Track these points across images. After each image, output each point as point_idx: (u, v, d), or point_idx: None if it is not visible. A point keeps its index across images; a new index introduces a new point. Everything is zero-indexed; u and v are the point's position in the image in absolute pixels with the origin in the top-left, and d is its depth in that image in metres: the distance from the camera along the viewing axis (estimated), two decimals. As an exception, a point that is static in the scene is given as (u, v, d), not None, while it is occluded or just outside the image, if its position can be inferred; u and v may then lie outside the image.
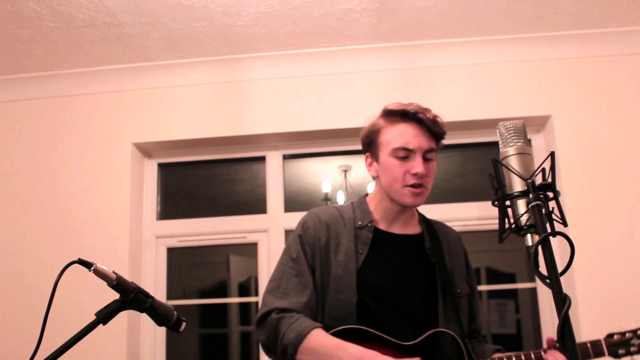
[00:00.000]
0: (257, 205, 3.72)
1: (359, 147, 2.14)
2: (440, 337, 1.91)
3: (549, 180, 1.24)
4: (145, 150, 3.69)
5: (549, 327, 3.32)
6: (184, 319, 1.44)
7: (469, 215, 3.43)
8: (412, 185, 1.96)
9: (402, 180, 1.97)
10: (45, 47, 3.33)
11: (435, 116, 2.01)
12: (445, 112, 3.39)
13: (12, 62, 3.46)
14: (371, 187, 4.83)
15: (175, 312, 1.42)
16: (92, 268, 1.31)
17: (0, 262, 3.50)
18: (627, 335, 2.00)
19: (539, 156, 3.50)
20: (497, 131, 1.37)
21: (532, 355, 1.90)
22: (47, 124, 3.62)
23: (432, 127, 1.98)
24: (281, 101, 3.54)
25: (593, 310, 3.11)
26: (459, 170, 3.96)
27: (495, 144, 1.39)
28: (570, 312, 2.42)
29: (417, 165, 1.95)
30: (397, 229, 2.08)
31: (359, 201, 2.14)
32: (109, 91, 3.60)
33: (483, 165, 3.86)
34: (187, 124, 3.57)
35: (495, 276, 4.50)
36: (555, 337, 1.80)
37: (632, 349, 1.99)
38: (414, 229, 2.12)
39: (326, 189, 4.77)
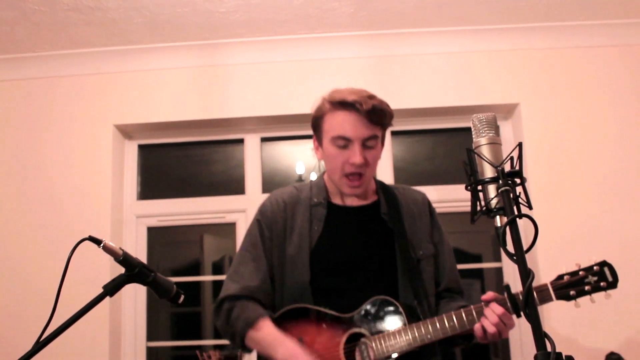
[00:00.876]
0: (235, 186, 3.81)
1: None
2: (380, 303, 1.96)
3: (517, 168, 1.38)
4: (126, 131, 3.76)
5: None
6: (182, 292, 1.55)
7: (438, 198, 3.57)
8: (350, 176, 2.01)
9: (341, 169, 2.02)
10: (28, 30, 3.37)
11: (376, 104, 1.99)
12: (418, 98, 3.57)
13: (-7, 43, 3.51)
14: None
15: (174, 285, 1.54)
16: (102, 244, 1.41)
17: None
18: (581, 273, 1.88)
19: (506, 142, 3.62)
20: (471, 122, 1.49)
21: (474, 311, 1.88)
22: (30, 105, 3.66)
23: (372, 117, 1.97)
24: (260, 86, 3.63)
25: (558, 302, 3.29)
26: (429, 154, 4.10)
27: (464, 129, 1.52)
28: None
29: (354, 155, 1.97)
30: (352, 201, 2.13)
31: (317, 179, 2.21)
32: (91, 73, 3.64)
33: (452, 150, 4.00)
34: (168, 107, 3.64)
35: (462, 257, 4.67)
36: (490, 297, 1.86)
37: (586, 287, 1.86)
38: (370, 198, 2.16)
39: (300, 170, 4.88)
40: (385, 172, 3.61)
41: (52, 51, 3.59)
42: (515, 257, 1.21)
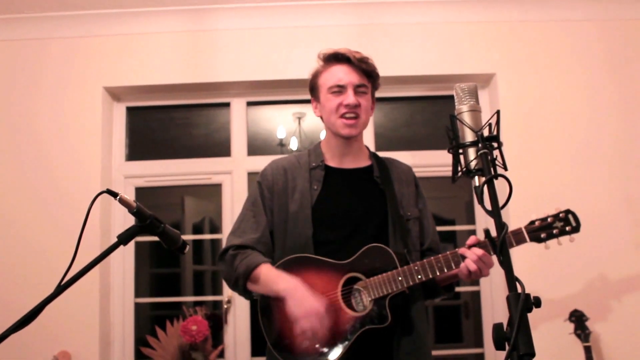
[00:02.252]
0: (220, 149, 3.93)
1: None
2: (374, 251, 2.14)
3: (495, 133, 1.53)
4: (115, 94, 3.83)
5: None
6: (187, 243, 1.69)
7: (416, 163, 3.70)
8: (346, 116, 2.21)
9: (337, 111, 2.22)
10: (19, -9, 3.44)
11: (364, 57, 2.26)
12: (398, 66, 3.70)
13: (-17, 4, 3.55)
14: (323, 135, 5.08)
15: (181, 237, 1.67)
16: (118, 197, 1.53)
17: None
18: (549, 219, 2.13)
19: (484, 109, 3.74)
20: (454, 91, 1.64)
21: (458, 253, 2.09)
22: (21, 66, 3.71)
23: (360, 65, 2.23)
24: (247, 51, 3.72)
25: (526, 251, 3.48)
26: (408, 121, 4.24)
27: (443, 97, 1.66)
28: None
29: (348, 96, 2.20)
30: (347, 164, 2.32)
31: (314, 146, 2.40)
32: (82, 36, 3.70)
33: (430, 117, 4.15)
34: (156, 70, 3.72)
35: (437, 221, 4.84)
36: (472, 241, 2.09)
37: (554, 231, 2.11)
38: (363, 162, 2.36)
39: (281, 134, 5.00)
40: (366, 138, 3.75)
41: (43, 13, 3.64)
42: (491, 212, 1.37)
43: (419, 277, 2.09)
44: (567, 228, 2.11)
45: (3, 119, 3.69)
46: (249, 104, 3.92)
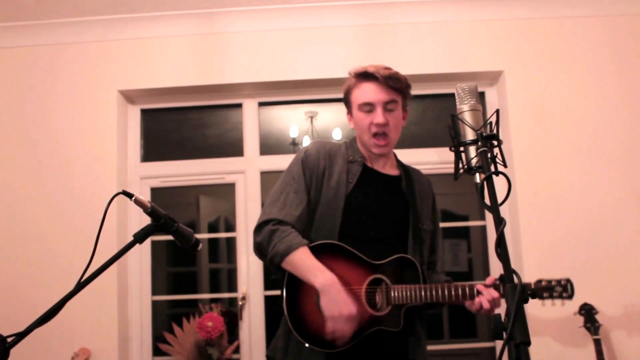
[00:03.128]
0: (233, 149, 4.00)
1: (327, 95, 2.49)
2: (403, 261, 2.28)
3: (495, 132, 1.59)
4: (129, 96, 3.92)
5: (496, 264, 3.72)
6: (200, 241, 1.76)
7: (427, 160, 3.75)
8: (376, 136, 2.31)
9: (368, 131, 2.32)
10: (35, -1, 3.54)
11: (392, 73, 2.33)
12: (408, 65, 3.74)
13: (4, 11, 3.64)
14: (336, 133, 5.12)
15: (194, 235, 1.74)
16: (133, 198, 1.59)
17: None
18: (553, 282, 2.43)
19: (492, 106, 3.85)
20: (455, 91, 1.70)
21: (468, 289, 2.25)
22: (39, 71, 3.80)
23: (389, 82, 2.30)
24: (258, 53, 3.79)
25: (537, 246, 3.54)
26: (418, 118, 4.29)
27: (451, 95, 1.72)
28: (515, 246, 2.87)
29: (377, 116, 2.29)
30: (380, 168, 2.43)
31: (351, 141, 2.49)
32: (96, 41, 3.79)
33: (440, 114, 4.19)
34: (170, 73, 3.80)
35: (449, 217, 4.89)
36: (490, 281, 2.23)
37: (554, 294, 2.41)
38: (393, 171, 2.47)
39: (293, 134, 5.07)
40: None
41: (59, 19, 3.73)
42: (490, 207, 1.43)
43: (439, 297, 2.23)
44: (564, 294, 2.42)
45: (21, 122, 3.78)
46: (261, 104, 3.99)
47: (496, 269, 3.69)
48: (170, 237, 1.72)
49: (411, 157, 3.72)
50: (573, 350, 3.37)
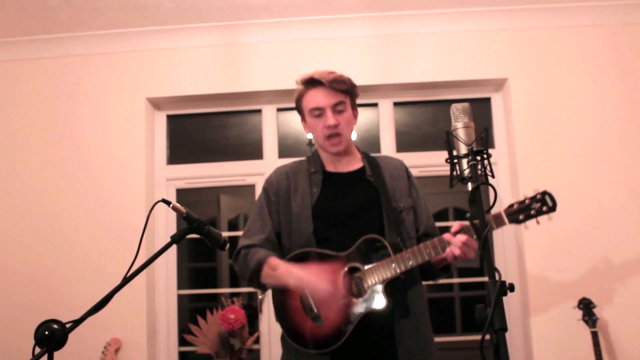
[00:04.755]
0: (253, 151, 4.23)
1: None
2: (370, 242, 2.36)
3: (483, 147, 1.81)
4: (156, 103, 4.16)
5: (501, 259, 3.93)
6: (227, 242, 2.00)
7: (439, 162, 3.94)
8: (330, 137, 2.46)
9: (322, 134, 2.47)
10: (69, 13, 3.77)
11: (336, 77, 2.46)
12: (418, 73, 3.97)
13: (39, 25, 3.90)
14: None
15: (222, 236, 1.99)
16: (171, 205, 1.82)
17: (33, 206, 3.96)
18: (527, 201, 2.28)
19: (498, 111, 4.05)
20: (450, 110, 1.92)
21: (445, 240, 2.28)
22: (72, 79, 4.05)
23: (334, 86, 2.43)
24: (276, 62, 4.01)
25: (538, 243, 3.73)
26: (431, 122, 4.48)
27: (459, 100, 1.92)
28: (518, 245, 3.05)
29: (328, 119, 2.44)
30: (342, 168, 2.57)
31: (313, 154, 2.64)
32: (125, 51, 4.04)
33: (450, 119, 4.38)
34: (194, 81, 4.03)
35: (461, 214, 5.07)
36: (457, 227, 2.27)
37: (531, 212, 2.26)
38: (356, 165, 2.59)
39: (310, 135, 5.28)
40: (387, 139, 4.05)
41: (90, 31, 3.97)
42: (477, 213, 1.66)
43: (410, 263, 2.30)
44: (544, 208, 2.27)
45: (55, 128, 4.03)
46: (279, 109, 4.22)
47: (501, 262, 3.89)
48: (191, 235, 1.93)
49: (425, 159, 3.96)
50: (572, 342, 3.56)
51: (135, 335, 3.82)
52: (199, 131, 4.44)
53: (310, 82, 2.50)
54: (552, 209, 2.29)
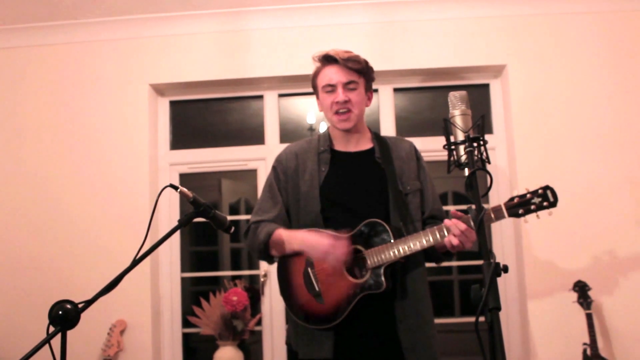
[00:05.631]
0: (255, 136, 4.29)
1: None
2: (374, 225, 2.41)
3: (480, 134, 1.87)
4: (159, 89, 4.21)
5: (498, 243, 4.00)
6: (233, 225, 2.07)
7: (438, 147, 3.99)
8: (338, 112, 2.51)
9: (331, 109, 2.53)
10: (73, 0, 3.82)
11: (351, 56, 2.53)
12: (418, 60, 4.02)
13: (43, 12, 3.95)
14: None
15: (228, 219, 2.06)
16: (179, 190, 1.89)
17: (39, 192, 4.03)
18: (528, 195, 2.26)
19: (496, 97, 4.10)
20: (448, 98, 1.98)
21: (444, 228, 2.31)
22: (76, 66, 4.11)
23: (348, 64, 2.50)
24: (278, 49, 4.06)
25: (535, 228, 3.76)
26: (431, 107, 4.53)
27: (458, 87, 1.99)
28: (516, 228, 3.08)
29: (338, 95, 2.50)
30: (351, 148, 2.62)
31: (324, 132, 2.69)
32: (129, 38, 4.08)
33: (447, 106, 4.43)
34: (196, 68, 4.08)
35: (460, 199, 5.14)
36: (456, 216, 2.30)
37: (531, 207, 2.24)
38: (366, 145, 2.64)
39: (311, 120, 5.33)
40: (387, 124, 4.11)
41: (95, 18, 4.02)
42: (473, 197, 1.73)
43: (409, 248, 2.35)
44: (545, 203, 2.24)
45: (60, 114, 4.09)
46: (281, 95, 4.28)
47: (499, 247, 3.98)
48: (197, 219, 2.00)
49: (423, 144, 3.99)
50: (567, 323, 3.64)
51: (140, 317, 3.91)
52: (202, 117, 4.50)
53: (326, 59, 2.56)
54: (553, 204, 2.26)
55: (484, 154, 1.86)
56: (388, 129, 4.11)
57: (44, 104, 4.11)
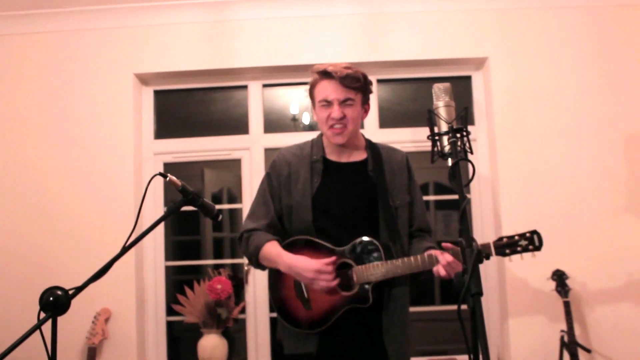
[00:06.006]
0: (238, 124, 4.32)
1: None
2: (366, 243, 2.51)
3: (463, 125, 1.92)
4: (144, 79, 4.21)
5: (479, 231, 4.07)
6: (221, 213, 2.11)
7: (421, 138, 3.99)
8: (333, 127, 2.54)
9: (326, 123, 2.56)
10: (57, -12, 3.83)
11: (350, 73, 2.51)
12: (401, 51, 4.07)
13: (29, 0, 3.94)
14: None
15: (215, 208, 2.09)
16: (167, 178, 1.92)
17: (23, 181, 4.02)
18: (516, 237, 2.41)
19: (478, 89, 4.16)
20: (432, 90, 2.03)
21: (434, 256, 2.42)
22: (61, 54, 4.09)
23: (345, 82, 2.50)
24: (262, 39, 4.07)
25: (514, 218, 3.85)
26: (413, 98, 4.58)
27: (441, 78, 2.04)
28: (495, 219, 3.15)
29: (334, 111, 2.52)
30: (344, 158, 2.66)
31: (317, 138, 2.74)
32: (113, 27, 4.07)
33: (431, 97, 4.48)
34: (181, 57, 4.09)
35: (441, 189, 5.21)
36: (448, 247, 2.39)
37: (517, 248, 2.39)
38: (359, 156, 2.67)
39: (294, 110, 5.36)
40: (370, 115, 4.14)
41: (79, 7, 4.00)
42: (456, 187, 1.78)
43: (399, 271, 2.46)
44: (530, 247, 2.41)
45: (44, 103, 4.07)
46: (265, 86, 4.30)
47: (479, 235, 4.03)
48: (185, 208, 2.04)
49: (407, 135, 4.08)
50: (545, 310, 3.74)
51: (125, 306, 3.93)
52: (186, 106, 4.52)
53: (324, 74, 2.56)
54: (538, 248, 2.42)
55: (467, 144, 1.90)
56: (371, 120, 4.15)
57: (27, 92, 4.10)
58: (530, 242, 2.41)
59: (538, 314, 3.77)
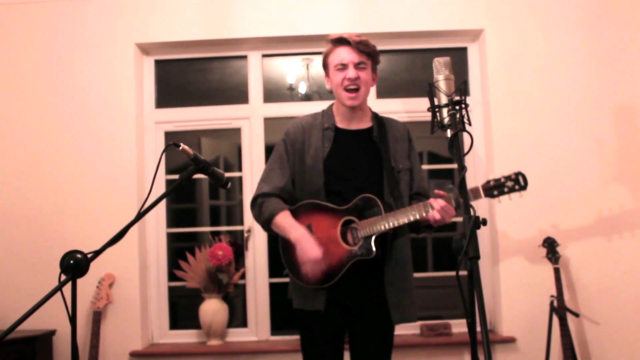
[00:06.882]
0: (237, 93, 4.39)
1: (324, 48, 2.85)
2: (367, 200, 2.69)
3: (462, 97, 2.01)
4: (145, 49, 4.26)
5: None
6: (230, 181, 2.20)
7: (416, 108, 4.08)
8: (348, 90, 2.74)
9: (341, 85, 2.75)
10: (60, -42, 3.85)
11: (363, 40, 2.74)
12: (397, 23, 4.14)
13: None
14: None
15: (225, 176, 2.19)
16: (180, 147, 2.00)
17: (26, 150, 4.09)
18: (502, 180, 2.58)
19: (474, 61, 4.23)
20: (433, 64, 2.11)
21: (428, 204, 2.58)
22: (63, 24, 4.13)
23: (360, 47, 2.72)
24: (263, 10, 4.13)
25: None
26: (409, 69, 4.66)
27: (437, 50, 2.11)
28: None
29: (349, 72, 2.72)
30: (353, 126, 2.86)
31: (327, 109, 2.94)
32: (115, -4, 4.13)
33: (429, 65, 4.56)
34: (182, 27, 4.14)
35: (435, 159, 5.30)
36: (439, 194, 2.58)
37: (505, 189, 2.57)
38: (366, 124, 2.88)
39: (291, 80, 5.43)
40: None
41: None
42: (455, 157, 1.88)
43: (397, 222, 2.62)
44: (516, 187, 2.57)
45: (47, 72, 4.12)
46: (264, 56, 4.36)
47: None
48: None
49: (403, 105, 4.14)
50: (536, 276, 3.87)
51: (128, 271, 4.03)
52: (187, 76, 4.57)
53: (339, 41, 2.77)
54: (523, 187, 2.58)
55: (466, 116, 2.00)
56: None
57: (29, 62, 4.14)
58: (516, 182, 2.57)
59: (529, 280, 3.91)
